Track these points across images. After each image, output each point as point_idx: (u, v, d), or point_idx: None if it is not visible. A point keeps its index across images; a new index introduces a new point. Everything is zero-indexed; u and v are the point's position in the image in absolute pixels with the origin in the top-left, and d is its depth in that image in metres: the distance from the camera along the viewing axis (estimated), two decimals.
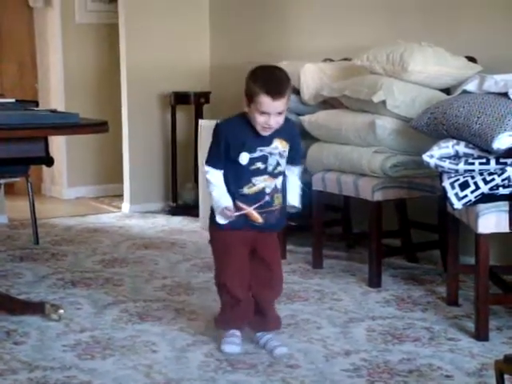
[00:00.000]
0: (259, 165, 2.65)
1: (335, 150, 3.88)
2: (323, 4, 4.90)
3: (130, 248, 4.54)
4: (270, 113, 2.58)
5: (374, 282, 3.67)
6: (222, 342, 2.81)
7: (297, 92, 4.32)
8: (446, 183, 3.02)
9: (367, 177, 3.71)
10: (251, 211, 2.65)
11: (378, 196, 3.64)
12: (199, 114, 5.64)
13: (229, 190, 2.67)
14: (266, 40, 5.35)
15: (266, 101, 2.56)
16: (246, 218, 2.67)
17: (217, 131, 2.70)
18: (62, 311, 3.19)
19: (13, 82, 6.59)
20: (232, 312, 2.81)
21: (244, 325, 2.86)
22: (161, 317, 3.23)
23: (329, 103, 4.15)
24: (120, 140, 5.80)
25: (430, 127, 3.27)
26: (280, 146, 2.68)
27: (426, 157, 3.11)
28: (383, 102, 3.62)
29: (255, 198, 2.67)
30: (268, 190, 2.68)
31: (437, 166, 3.07)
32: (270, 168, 2.67)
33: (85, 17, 6.37)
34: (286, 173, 2.77)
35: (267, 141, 2.66)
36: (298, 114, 4.23)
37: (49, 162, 4.37)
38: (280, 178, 2.72)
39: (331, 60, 4.54)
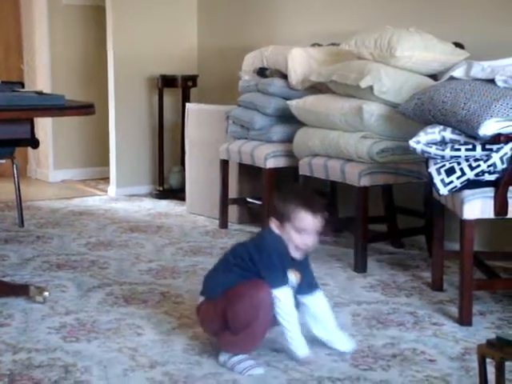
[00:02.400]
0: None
1: (322, 135, 3.88)
2: None
3: (115, 231, 4.53)
4: (310, 232, 2.49)
5: (360, 266, 3.68)
6: (240, 368, 2.51)
7: (284, 77, 4.32)
8: (432, 169, 3.02)
9: (354, 162, 3.72)
10: None
11: (365, 181, 3.65)
12: (186, 98, 5.62)
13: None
14: (254, 24, 5.33)
15: (307, 218, 2.47)
16: None
17: (280, 250, 2.50)
18: (46, 293, 3.18)
19: None
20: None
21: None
22: (146, 300, 3.23)
23: (316, 88, 4.15)
24: (106, 123, 5.78)
25: (416, 113, 3.27)
26: (294, 279, 2.57)
27: (412, 142, 3.12)
28: (370, 88, 3.62)
29: None
30: None
31: (423, 152, 3.08)
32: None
33: None
34: (313, 308, 2.65)
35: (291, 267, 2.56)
36: (286, 99, 4.23)
37: (34, 143, 4.36)
38: None
39: (319, 45, 4.53)
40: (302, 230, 2.49)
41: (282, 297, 2.48)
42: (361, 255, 3.69)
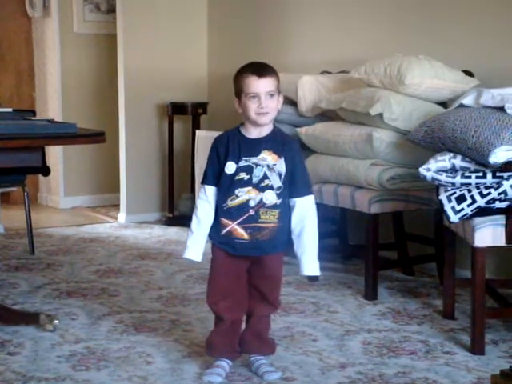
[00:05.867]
0: (243, 175, 2.51)
1: (332, 162, 3.89)
2: (321, 17, 4.92)
3: (125, 258, 4.53)
4: (260, 93, 2.50)
5: (370, 294, 3.67)
6: (204, 373, 2.67)
7: (294, 104, 4.33)
8: (443, 196, 3.02)
9: (364, 189, 3.71)
10: (234, 226, 2.53)
11: (375, 208, 3.64)
12: (196, 125, 5.65)
13: (215, 206, 2.58)
14: (264, 52, 5.35)
15: (252, 80, 2.50)
16: (231, 234, 2.55)
17: (212, 146, 2.61)
18: (56, 322, 3.18)
19: (10, 91, 6.59)
20: (214, 334, 2.71)
21: (225, 352, 2.69)
22: (156, 328, 3.22)
23: (326, 115, 4.16)
24: (117, 150, 5.80)
25: (426, 140, 3.27)
26: (269, 158, 2.53)
27: (422, 170, 3.11)
28: (380, 115, 3.63)
29: (238, 211, 2.52)
30: (252, 204, 2.51)
31: (433, 179, 3.08)
32: (254, 179, 2.51)
33: (83, 27, 6.38)
34: (297, 215, 2.58)
35: (254, 151, 2.53)
36: (295, 126, 4.24)
37: (45, 171, 4.39)
38: (269, 193, 2.52)
39: (329, 72, 4.55)
40: (252, 94, 2.51)
41: (200, 193, 2.61)
42: (371, 283, 3.67)
